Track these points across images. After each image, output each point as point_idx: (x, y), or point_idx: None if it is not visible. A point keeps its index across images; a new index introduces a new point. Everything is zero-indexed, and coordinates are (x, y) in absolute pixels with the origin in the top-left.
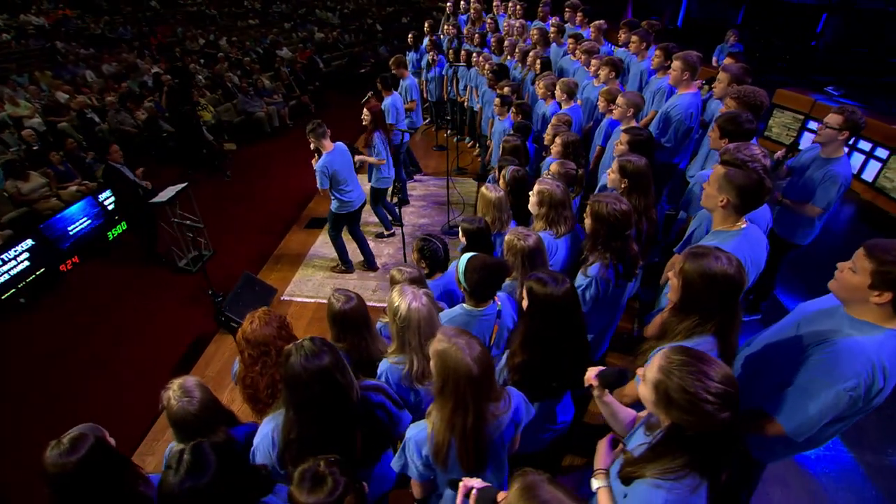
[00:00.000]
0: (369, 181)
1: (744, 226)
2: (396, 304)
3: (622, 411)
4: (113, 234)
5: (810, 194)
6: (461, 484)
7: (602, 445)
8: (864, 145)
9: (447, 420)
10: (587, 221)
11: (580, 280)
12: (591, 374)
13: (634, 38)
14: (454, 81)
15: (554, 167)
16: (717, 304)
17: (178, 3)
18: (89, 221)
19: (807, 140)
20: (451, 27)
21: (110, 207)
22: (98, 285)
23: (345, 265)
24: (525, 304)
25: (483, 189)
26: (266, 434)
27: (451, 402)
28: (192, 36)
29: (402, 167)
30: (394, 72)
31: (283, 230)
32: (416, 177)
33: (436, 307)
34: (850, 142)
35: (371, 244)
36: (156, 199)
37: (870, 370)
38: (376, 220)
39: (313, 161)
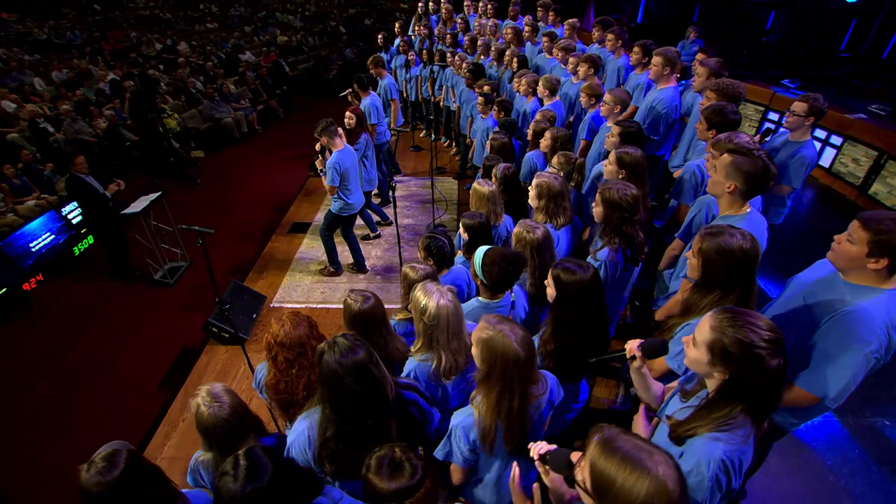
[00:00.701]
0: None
1: (748, 210)
2: (423, 302)
3: (654, 384)
4: (79, 250)
5: (781, 175)
6: (531, 448)
7: (639, 418)
8: (820, 133)
9: (494, 404)
10: (597, 209)
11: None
12: (634, 344)
13: (611, 35)
14: (429, 81)
15: (556, 159)
16: (736, 278)
17: (127, 7)
18: (53, 237)
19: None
20: (422, 28)
21: (75, 221)
22: (69, 303)
23: (333, 267)
24: (551, 292)
25: (475, 185)
26: (301, 432)
27: (497, 386)
28: (149, 41)
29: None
30: (371, 71)
31: (264, 236)
32: (396, 178)
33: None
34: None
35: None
36: (128, 211)
37: (885, 329)
38: (360, 222)
39: (317, 162)
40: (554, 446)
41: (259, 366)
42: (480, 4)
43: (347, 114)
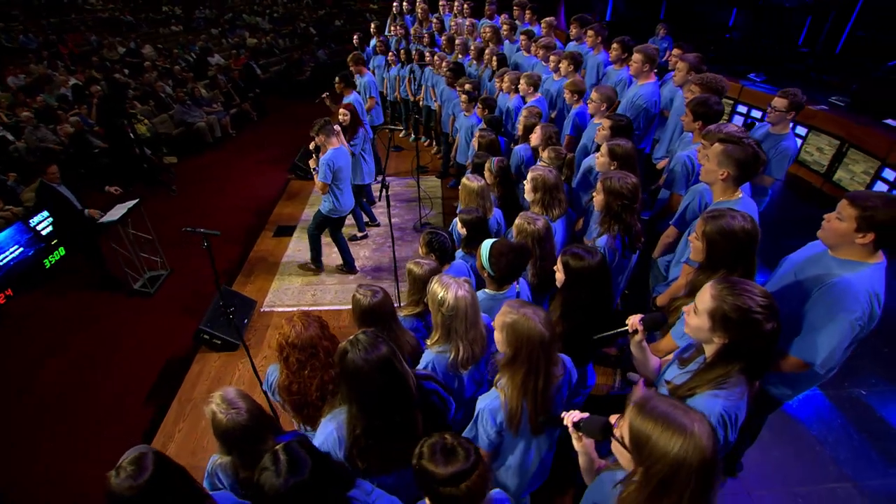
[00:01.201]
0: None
1: (741, 195)
2: (441, 294)
3: (652, 358)
4: (50, 262)
5: (764, 167)
6: (565, 417)
7: (638, 389)
8: None
9: (520, 385)
10: (598, 198)
11: None
12: (635, 319)
13: (591, 32)
14: (407, 81)
15: (546, 154)
16: (739, 257)
17: (84, 9)
18: (21, 249)
19: (737, 123)
20: (398, 27)
21: (45, 232)
22: (45, 317)
23: (315, 264)
24: (561, 277)
25: (464, 180)
26: (330, 433)
27: (524, 367)
28: (110, 44)
29: None
30: (352, 69)
31: (247, 240)
32: (378, 177)
33: None
34: None
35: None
36: (106, 219)
37: (868, 299)
38: (350, 221)
39: (311, 161)
40: (587, 414)
41: (270, 368)
42: (456, 4)
43: (342, 110)
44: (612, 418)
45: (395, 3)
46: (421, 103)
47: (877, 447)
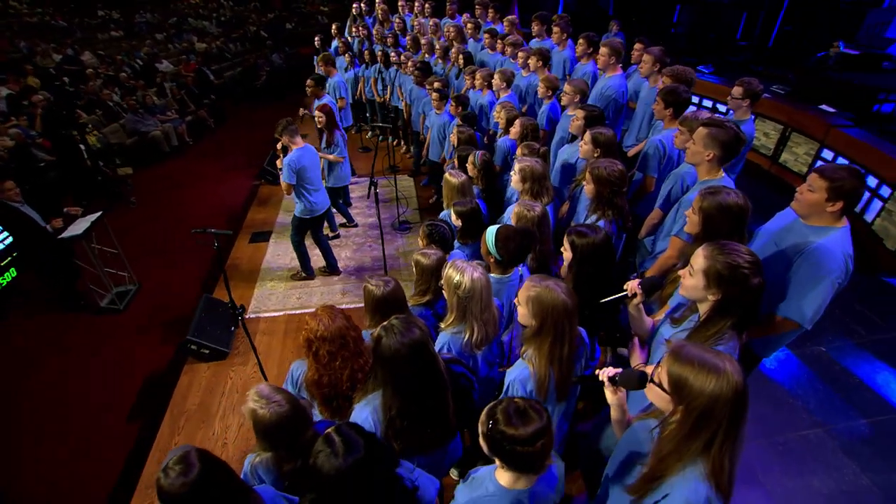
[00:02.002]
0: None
1: (723, 175)
2: (457, 278)
3: (647, 319)
4: (1, 284)
5: None
6: (600, 374)
7: (635, 347)
8: None
9: (547, 354)
10: (588, 186)
11: None
12: (634, 283)
13: (556, 28)
14: (373, 82)
15: (521, 149)
16: (733, 229)
17: (8, 13)
18: None
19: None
20: (361, 28)
21: None
22: (6, 344)
23: (305, 272)
24: (568, 255)
25: (447, 176)
26: (365, 418)
27: (550, 336)
28: (44, 51)
29: None
30: (321, 70)
31: (229, 245)
32: (350, 178)
33: None
34: None
35: None
36: (67, 234)
37: (843, 259)
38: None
39: (278, 162)
40: (620, 370)
41: (293, 366)
42: (416, 4)
43: (317, 113)
44: (648, 369)
45: (354, 5)
46: (388, 103)
47: (840, 395)
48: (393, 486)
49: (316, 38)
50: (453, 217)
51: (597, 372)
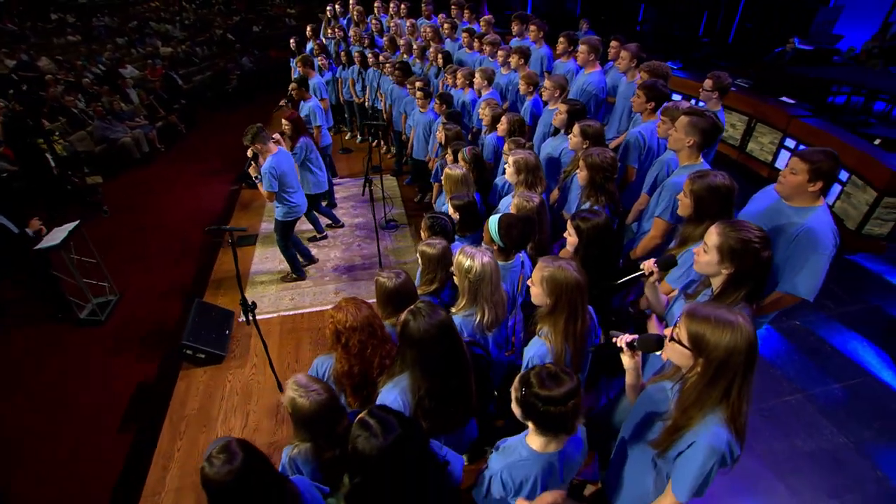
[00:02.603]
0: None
1: (702, 161)
2: (468, 263)
3: (661, 297)
4: None
5: None
6: (619, 340)
7: (652, 322)
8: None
9: (562, 330)
10: (581, 173)
11: None
12: (651, 262)
13: (533, 27)
14: (350, 83)
15: (508, 144)
16: (722, 209)
17: None
18: None
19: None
20: (337, 30)
21: None
22: None
23: (296, 273)
24: (573, 240)
25: (447, 170)
26: (394, 399)
27: (564, 312)
28: None
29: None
30: (300, 72)
31: (203, 254)
32: (334, 180)
33: None
34: None
35: (313, 250)
36: (45, 244)
37: (832, 233)
38: (309, 226)
39: (251, 169)
40: (636, 336)
41: (317, 361)
42: (392, 5)
43: (283, 121)
44: (666, 331)
45: (328, 7)
46: (367, 104)
47: (816, 363)
48: (428, 462)
49: (291, 40)
50: (450, 210)
51: (613, 339)
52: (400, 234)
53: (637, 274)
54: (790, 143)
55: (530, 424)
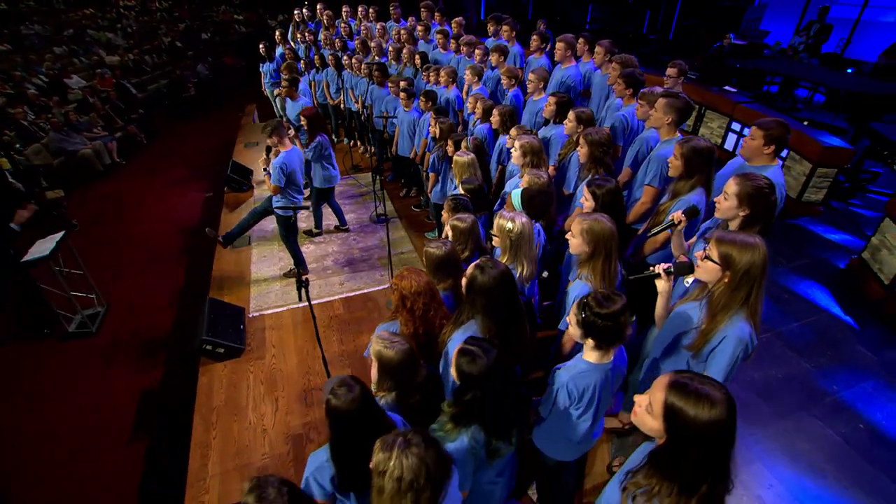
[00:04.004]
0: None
1: (679, 135)
2: (508, 225)
3: (683, 242)
4: None
5: None
6: (657, 267)
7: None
8: None
9: (601, 271)
10: (582, 150)
11: None
12: (679, 212)
13: (506, 27)
14: (325, 85)
15: (514, 131)
16: (707, 166)
17: None
18: None
19: None
20: (307, 34)
21: None
22: None
23: (300, 268)
24: (589, 204)
25: (456, 157)
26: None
27: (601, 257)
28: None
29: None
30: (286, 76)
31: (194, 259)
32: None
33: None
34: None
35: (311, 247)
36: (32, 256)
37: (783, 183)
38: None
39: (260, 161)
40: (671, 263)
41: (380, 328)
42: (361, 9)
43: (302, 117)
44: (698, 254)
45: (296, 11)
46: (342, 106)
47: (780, 307)
48: (511, 376)
49: (261, 45)
50: (460, 191)
51: (652, 267)
52: (392, 226)
53: (667, 222)
54: (736, 126)
55: (588, 341)
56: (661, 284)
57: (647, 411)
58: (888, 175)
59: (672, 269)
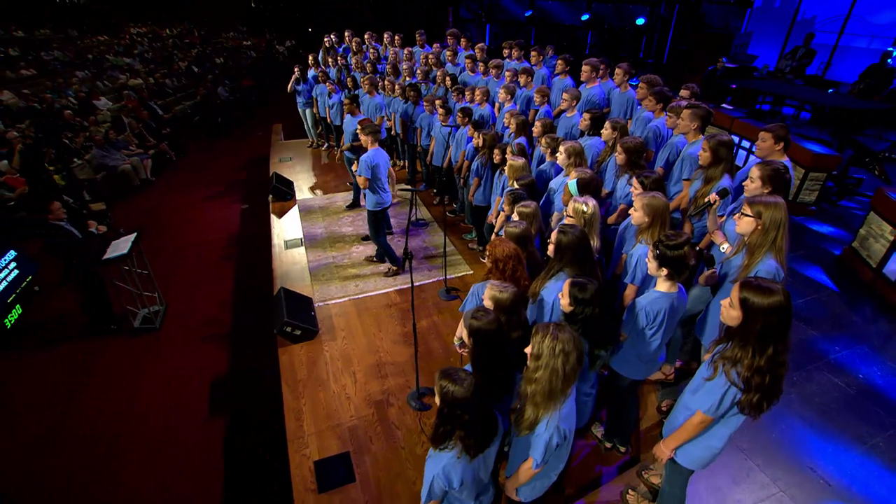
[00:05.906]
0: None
1: (701, 137)
2: (584, 208)
3: (716, 219)
4: (10, 322)
5: None
6: (709, 198)
7: (717, 233)
8: None
9: (657, 236)
10: (619, 156)
11: None
12: (714, 195)
13: (534, 52)
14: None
15: (544, 140)
16: (731, 156)
17: None
18: None
19: None
20: (339, 58)
21: (11, 278)
22: (37, 377)
23: (394, 264)
24: (638, 190)
25: (511, 161)
26: (562, 285)
27: (658, 225)
28: None
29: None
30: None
31: (240, 264)
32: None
33: None
34: None
35: (360, 247)
36: (111, 255)
37: (792, 167)
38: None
39: (354, 167)
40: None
41: (475, 287)
42: (387, 36)
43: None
44: (735, 217)
45: (325, 38)
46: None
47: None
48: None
49: (296, 68)
50: (516, 188)
51: (706, 199)
52: (430, 229)
53: (706, 203)
54: (735, 138)
55: (663, 271)
56: (718, 238)
57: (730, 305)
58: (870, 180)
59: (719, 196)
